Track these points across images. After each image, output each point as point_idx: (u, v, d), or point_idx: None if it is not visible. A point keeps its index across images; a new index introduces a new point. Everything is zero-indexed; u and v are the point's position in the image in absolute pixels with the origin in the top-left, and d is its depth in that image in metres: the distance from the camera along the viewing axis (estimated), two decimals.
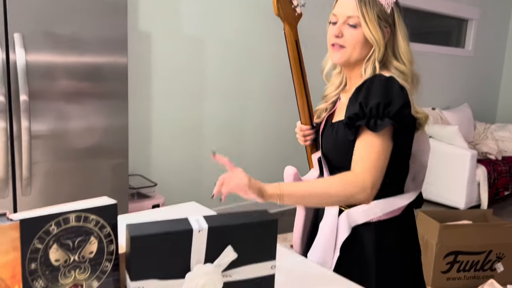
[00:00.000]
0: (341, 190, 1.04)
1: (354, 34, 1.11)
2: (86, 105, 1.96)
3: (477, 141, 4.67)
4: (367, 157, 1.06)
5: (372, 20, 1.10)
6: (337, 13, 1.15)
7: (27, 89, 1.76)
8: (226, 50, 3.06)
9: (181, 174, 3.01)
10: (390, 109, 1.04)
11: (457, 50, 5.08)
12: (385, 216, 1.15)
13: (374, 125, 1.04)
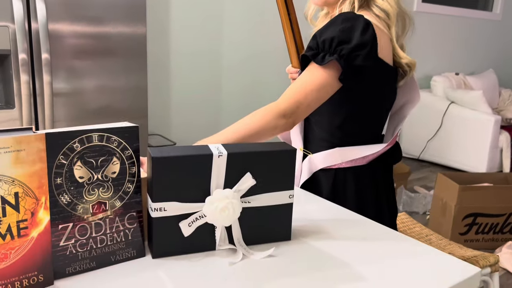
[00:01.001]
0: (263, 121, 0.98)
1: None
2: (105, 63, 1.98)
3: (501, 107, 4.55)
4: (296, 86, 1.01)
5: None
6: None
7: (48, 47, 1.78)
8: (246, 7, 3.01)
9: (199, 133, 3.02)
10: (344, 47, 0.97)
11: (484, 14, 4.88)
12: (347, 164, 1.12)
13: (321, 58, 0.98)
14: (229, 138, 0.97)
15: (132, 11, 2.00)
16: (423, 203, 3.03)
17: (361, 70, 1.00)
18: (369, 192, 1.16)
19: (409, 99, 1.22)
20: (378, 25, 1.04)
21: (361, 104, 1.11)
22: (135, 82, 2.10)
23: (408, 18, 1.10)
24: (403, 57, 1.09)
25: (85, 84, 1.95)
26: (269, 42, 3.20)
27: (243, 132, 0.97)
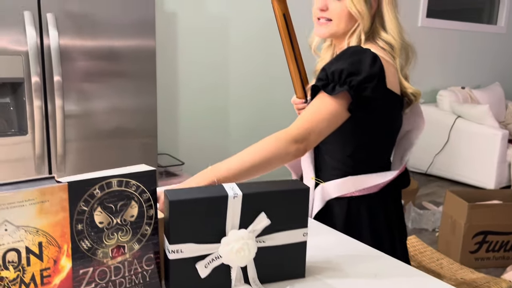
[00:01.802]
0: (275, 148, 0.97)
1: (338, 7, 1.08)
2: (116, 85, 2.01)
3: (508, 121, 4.54)
4: (308, 114, 1.02)
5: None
6: None
7: (60, 70, 1.81)
8: (251, 27, 3.05)
9: (207, 153, 3.05)
10: (353, 79, 1.00)
11: (489, 27, 4.90)
12: (359, 192, 1.14)
13: (331, 89, 1.01)
14: (242, 165, 0.97)
15: (142, 35, 2.03)
16: (432, 220, 3.02)
17: (370, 101, 1.02)
18: (381, 219, 1.17)
19: (414, 126, 1.25)
20: (385, 57, 1.07)
21: (372, 133, 1.13)
22: (145, 103, 2.13)
23: (411, 49, 1.13)
24: (408, 87, 1.13)
25: (96, 105, 1.98)
26: (276, 68, 3.23)
27: (256, 158, 0.97)
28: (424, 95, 4.35)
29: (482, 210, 2.48)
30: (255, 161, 0.96)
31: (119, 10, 1.93)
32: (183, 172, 2.70)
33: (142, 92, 2.10)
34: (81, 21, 1.86)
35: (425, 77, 4.35)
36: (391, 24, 1.09)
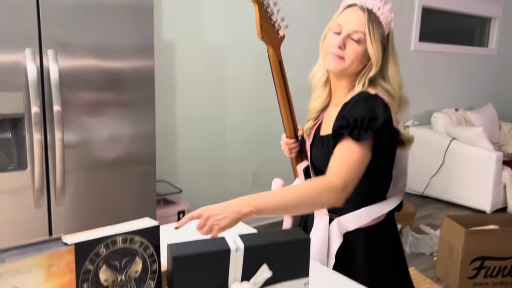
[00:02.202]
0: (314, 194, 1.04)
1: (357, 49, 1.13)
2: (115, 113, 2.02)
3: (502, 141, 4.59)
4: (343, 162, 1.08)
5: (377, 40, 1.12)
6: (343, 23, 1.14)
7: (60, 102, 1.83)
8: (247, 55, 3.10)
9: (205, 180, 3.06)
10: (374, 124, 1.07)
11: (480, 50, 5.00)
12: (372, 222, 1.19)
13: (357, 135, 1.07)
14: (285, 203, 1.03)
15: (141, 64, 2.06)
16: (430, 244, 3.03)
17: (388, 141, 1.13)
18: (397, 245, 1.26)
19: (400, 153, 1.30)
20: (388, 101, 1.13)
21: (382, 167, 1.19)
22: (144, 130, 2.14)
23: (404, 101, 1.19)
24: (404, 134, 1.20)
25: (95, 135, 1.99)
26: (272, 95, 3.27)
27: (298, 200, 1.03)
28: (418, 117, 4.42)
29: (479, 235, 2.49)
30: (296, 203, 1.03)
31: (118, 39, 1.96)
32: (181, 200, 2.71)
33: (141, 119, 2.12)
34: (81, 53, 1.88)
35: (419, 100, 4.41)
36: (394, 76, 1.15)
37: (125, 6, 1.95)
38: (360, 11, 1.13)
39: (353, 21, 1.13)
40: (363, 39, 1.12)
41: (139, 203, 2.20)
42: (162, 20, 2.70)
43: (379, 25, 1.13)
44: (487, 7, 4.83)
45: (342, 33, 1.14)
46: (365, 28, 1.11)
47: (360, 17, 1.13)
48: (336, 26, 1.15)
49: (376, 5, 1.13)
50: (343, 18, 1.16)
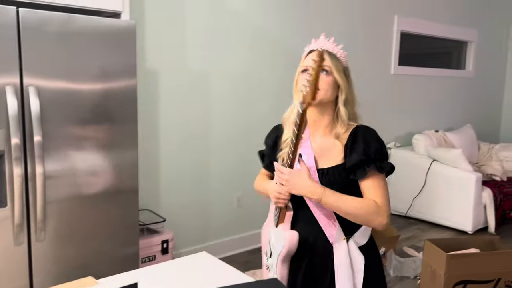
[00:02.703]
0: (373, 213, 1.27)
1: (327, 79, 1.32)
2: (97, 143, 2.02)
3: (481, 162, 4.69)
4: (383, 193, 1.30)
5: (340, 70, 1.34)
6: (309, 63, 1.29)
7: (41, 133, 1.82)
8: (230, 82, 3.13)
9: (189, 208, 3.05)
10: (384, 151, 1.32)
11: (458, 72, 5.15)
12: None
13: (380, 168, 1.29)
14: (345, 207, 1.27)
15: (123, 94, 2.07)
16: (413, 268, 3.05)
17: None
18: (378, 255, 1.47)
19: None
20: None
21: None
22: (126, 159, 2.14)
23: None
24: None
25: (77, 165, 1.97)
26: (254, 121, 3.30)
27: (358, 211, 1.27)
28: (400, 139, 4.50)
29: (460, 260, 2.53)
30: (356, 214, 1.28)
31: (100, 69, 1.97)
32: (164, 229, 2.69)
33: (124, 148, 2.12)
34: (62, 84, 1.88)
35: (400, 122, 4.50)
36: (354, 99, 1.37)
37: (107, 34, 1.96)
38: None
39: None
40: (330, 71, 1.32)
41: (122, 233, 2.18)
42: (145, 49, 2.72)
43: (338, 59, 1.35)
44: (463, 31, 4.99)
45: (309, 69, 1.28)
46: (329, 62, 1.31)
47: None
48: (304, 67, 1.36)
49: (331, 46, 1.36)
50: (308, 60, 1.35)
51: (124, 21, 2.02)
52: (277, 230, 1.39)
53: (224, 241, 3.24)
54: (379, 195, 1.29)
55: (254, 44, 3.22)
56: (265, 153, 1.61)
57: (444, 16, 4.71)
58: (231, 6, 3.05)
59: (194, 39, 2.91)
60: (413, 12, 4.38)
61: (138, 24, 2.63)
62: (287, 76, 3.37)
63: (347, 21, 3.80)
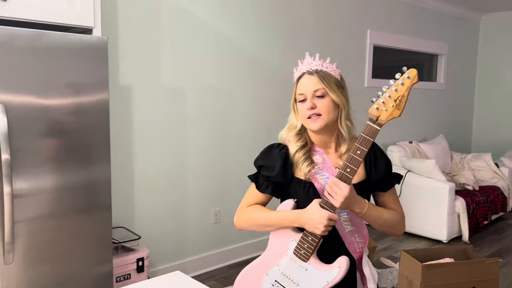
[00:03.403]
0: (401, 222, 1.41)
1: (324, 102, 1.33)
2: (67, 159, 1.98)
3: (454, 171, 4.80)
4: (400, 204, 1.46)
5: (335, 88, 1.34)
6: (304, 91, 1.34)
7: (8, 151, 1.77)
8: (206, 97, 3.13)
9: (165, 224, 3.00)
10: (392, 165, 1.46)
11: (430, 84, 5.28)
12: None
13: (398, 180, 1.44)
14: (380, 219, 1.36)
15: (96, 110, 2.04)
16: (390, 278, 3.08)
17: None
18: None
19: None
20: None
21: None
22: (98, 176, 2.09)
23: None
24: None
25: (47, 183, 1.92)
26: (232, 126, 3.30)
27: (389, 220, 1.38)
28: None
29: (435, 270, 2.56)
30: (388, 223, 1.38)
31: (71, 86, 1.94)
32: (140, 246, 2.63)
33: (96, 165, 2.08)
34: (32, 104, 1.84)
35: None
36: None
37: (79, 50, 1.94)
38: (310, 76, 1.35)
39: (310, 85, 1.34)
40: (325, 93, 1.33)
41: (95, 252, 2.13)
42: (119, 65, 2.70)
43: (329, 75, 1.35)
44: (434, 44, 5.14)
45: (307, 97, 1.33)
46: (322, 84, 1.32)
47: (313, 79, 1.34)
48: (299, 96, 1.36)
49: (318, 64, 1.36)
50: (301, 88, 1.35)
51: (96, 37, 2.00)
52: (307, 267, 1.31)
53: (202, 257, 3.20)
54: (398, 205, 1.43)
55: (229, 59, 3.23)
56: (267, 175, 1.41)
57: (415, 30, 4.84)
58: (206, 22, 3.06)
59: (168, 55, 2.91)
60: (385, 27, 4.49)
61: (112, 39, 2.61)
62: (262, 91, 3.40)
63: (321, 35, 3.86)
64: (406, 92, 1.19)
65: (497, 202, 4.41)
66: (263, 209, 1.41)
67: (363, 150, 1.24)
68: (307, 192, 1.36)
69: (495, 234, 4.20)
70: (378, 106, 1.19)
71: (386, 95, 1.20)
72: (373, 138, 1.24)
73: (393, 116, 1.22)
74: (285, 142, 1.42)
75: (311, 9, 3.76)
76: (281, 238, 1.36)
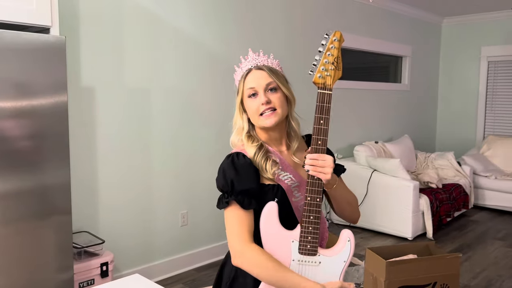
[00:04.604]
0: (357, 206, 1.46)
1: (278, 96, 1.30)
2: (23, 164, 1.91)
3: (419, 170, 4.93)
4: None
5: (284, 83, 1.33)
6: (254, 85, 1.29)
7: None
8: (170, 98, 3.10)
9: (131, 227, 2.95)
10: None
11: (395, 85, 5.41)
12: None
13: (344, 169, 1.44)
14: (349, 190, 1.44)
15: (54, 113, 1.98)
16: (357, 276, 3.11)
17: None
18: None
19: None
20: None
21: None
22: (57, 179, 2.03)
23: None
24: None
25: (1, 187, 1.85)
26: (197, 138, 3.28)
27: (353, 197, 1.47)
28: (342, 151, 4.63)
29: (399, 266, 2.60)
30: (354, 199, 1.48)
31: (27, 87, 1.88)
32: (104, 251, 2.58)
33: (54, 168, 2.02)
34: None
35: (342, 134, 4.64)
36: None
37: (35, 50, 1.88)
38: (259, 70, 1.31)
39: (261, 79, 1.30)
40: (277, 86, 1.30)
41: (55, 258, 2.07)
42: (80, 65, 2.63)
43: (277, 71, 1.33)
44: (398, 47, 5.27)
45: (259, 92, 1.29)
46: (272, 78, 1.30)
47: (262, 74, 1.31)
48: (250, 90, 1.30)
49: (265, 60, 1.35)
50: (251, 82, 1.30)
51: (53, 37, 1.95)
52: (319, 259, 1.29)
53: (170, 260, 3.16)
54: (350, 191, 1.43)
55: (193, 60, 3.21)
56: (244, 189, 1.25)
57: (380, 33, 4.95)
58: (169, 22, 3.03)
59: (131, 55, 2.86)
60: (351, 29, 4.57)
61: (72, 39, 2.55)
62: (228, 91, 3.39)
63: (288, 37, 3.90)
64: (339, 53, 1.25)
65: (460, 200, 4.56)
66: (276, 260, 1.22)
67: (325, 117, 1.21)
68: (276, 195, 1.28)
69: (458, 230, 4.34)
70: (321, 74, 1.22)
71: (323, 61, 1.24)
72: (329, 104, 1.22)
73: (337, 77, 1.25)
74: (239, 147, 1.34)
75: (277, 9, 3.78)
76: (276, 243, 1.23)
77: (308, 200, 1.22)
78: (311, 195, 1.22)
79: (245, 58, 1.37)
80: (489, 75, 5.79)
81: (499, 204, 4.93)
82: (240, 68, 1.36)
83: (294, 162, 1.35)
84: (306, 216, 1.23)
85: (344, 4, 4.45)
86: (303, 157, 1.30)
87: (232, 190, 1.24)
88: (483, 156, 5.33)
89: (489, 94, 5.81)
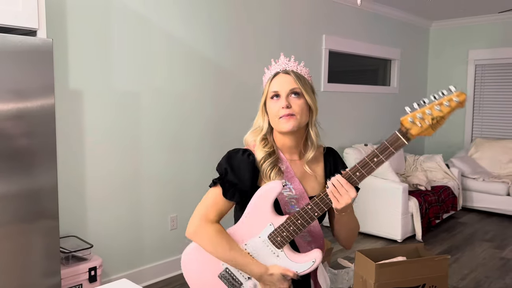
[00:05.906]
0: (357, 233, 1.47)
1: (299, 102, 1.30)
2: (9, 167, 1.89)
3: (408, 172, 4.96)
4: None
5: (309, 90, 1.32)
6: (278, 89, 1.30)
7: None
8: (160, 101, 3.08)
9: (120, 232, 2.92)
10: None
11: (384, 88, 5.45)
12: None
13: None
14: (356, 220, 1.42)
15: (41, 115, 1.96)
16: (347, 279, 3.13)
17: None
18: None
19: None
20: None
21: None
22: (44, 183, 2.01)
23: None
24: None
25: None
26: (187, 141, 3.27)
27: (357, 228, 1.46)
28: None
29: (388, 268, 2.63)
30: (356, 228, 1.47)
31: (14, 90, 1.85)
32: (92, 255, 2.55)
33: (41, 171, 2.00)
34: None
35: (332, 137, 4.66)
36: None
37: (21, 53, 1.86)
38: (286, 74, 1.32)
39: (286, 83, 1.30)
40: (301, 93, 1.29)
41: (42, 263, 2.04)
42: (69, 69, 2.61)
43: (304, 79, 1.33)
44: (387, 50, 5.31)
45: (281, 95, 1.29)
46: (297, 84, 1.30)
47: (289, 78, 1.31)
48: (273, 93, 1.31)
49: (294, 66, 1.34)
50: (276, 85, 1.31)
51: (40, 39, 1.93)
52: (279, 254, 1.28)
53: (159, 264, 3.14)
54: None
55: (182, 62, 3.20)
56: (234, 182, 1.29)
57: (369, 36, 4.99)
58: (158, 24, 3.02)
59: (119, 57, 2.84)
60: (341, 32, 4.59)
61: (60, 42, 2.52)
62: (217, 94, 3.39)
63: (278, 40, 3.90)
64: (448, 114, 1.06)
65: (448, 202, 4.60)
66: (230, 240, 1.29)
67: (381, 159, 1.14)
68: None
69: (446, 232, 4.37)
70: (413, 119, 1.07)
71: (425, 110, 1.08)
72: (396, 151, 1.13)
73: (424, 134, 1.10)
74: (250, 147, 1.36)
75: (267, 13, 3.79)
76: (257, 217, 1.27)
77: (307, 207, 1.23)
78: (314, 206, 1.23)
79: (276, 61, 1.38)
80: (477, 78, 5.86)
81: (487, 206, 4.98)
82: (268, 71, 1.38)
83: (302, 172, 1.34)
84: (296, 217, 1.25)
85: (333, 8, 4.48)
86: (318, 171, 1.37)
87: (224, 177, 1.30)
88: (471, 159, 5.39)
89: (477, 97, 5.87)
